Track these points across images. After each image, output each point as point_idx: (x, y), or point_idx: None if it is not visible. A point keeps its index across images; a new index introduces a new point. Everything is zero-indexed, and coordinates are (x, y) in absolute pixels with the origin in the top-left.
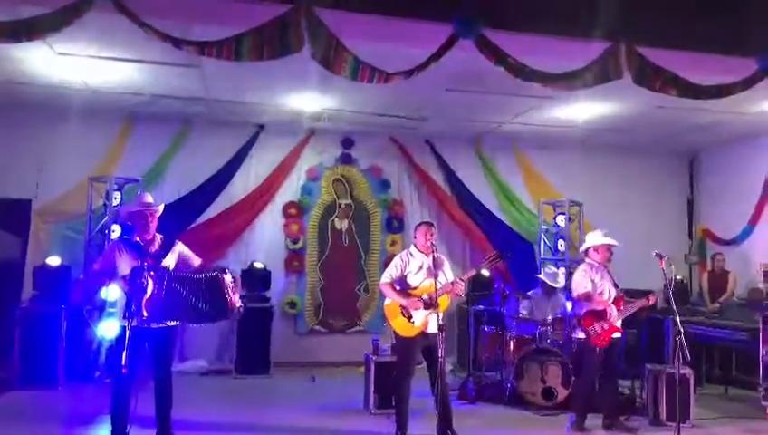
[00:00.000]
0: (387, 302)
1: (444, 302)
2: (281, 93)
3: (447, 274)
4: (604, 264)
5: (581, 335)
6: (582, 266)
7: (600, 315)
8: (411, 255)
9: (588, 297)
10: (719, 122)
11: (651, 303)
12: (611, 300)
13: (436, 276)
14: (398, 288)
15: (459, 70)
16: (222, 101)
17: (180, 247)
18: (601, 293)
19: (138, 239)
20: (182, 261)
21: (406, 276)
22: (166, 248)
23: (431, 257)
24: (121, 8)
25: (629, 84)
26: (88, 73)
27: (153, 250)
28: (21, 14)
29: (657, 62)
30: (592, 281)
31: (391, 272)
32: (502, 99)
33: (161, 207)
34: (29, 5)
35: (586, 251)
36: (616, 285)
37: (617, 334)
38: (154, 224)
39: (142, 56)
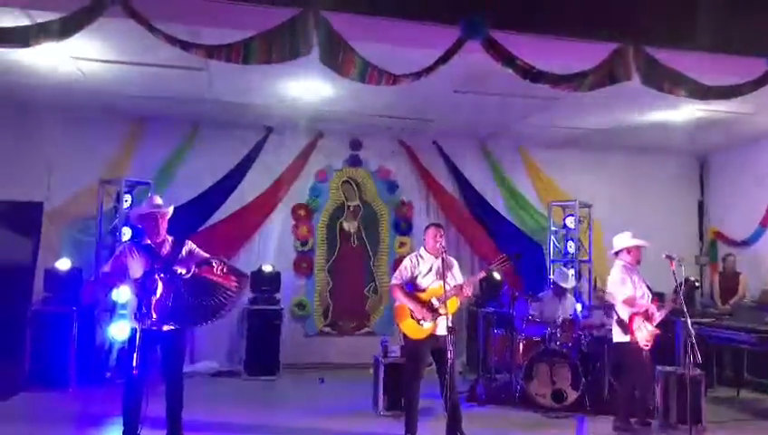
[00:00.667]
0: (396, 303)
1: (453, 304)
2: (289, 95)
3: (457, 276)
4: (636, 265)
5: (626, 338)
6: (618, 269)
7: (646, 317)
8: (420, 257)
9: (632, 300)
10: (730, 123)
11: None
12: (649, 301)
13: (445, 278)
14: (407, 290)
15: (467, 72)
16: (230, 103)
17: (190, 246)
18: (642, 295)
19: (149, 242)
20: (188, 256)
21: (415, 278)
22: (177, 250)
23: (440, 259)
24: (132, 13)
25: None
26: (98, 77)
27: (164, 252)
28: (33, 18)
29: (666, 62)
30: (632, 282)
31: (401, 274)
32: (509, 100)
33: (171, 209)
34: (41, 11)
35: (617, 253)
36: (648, 287)
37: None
38: (164, 226)
39: (152, 59)
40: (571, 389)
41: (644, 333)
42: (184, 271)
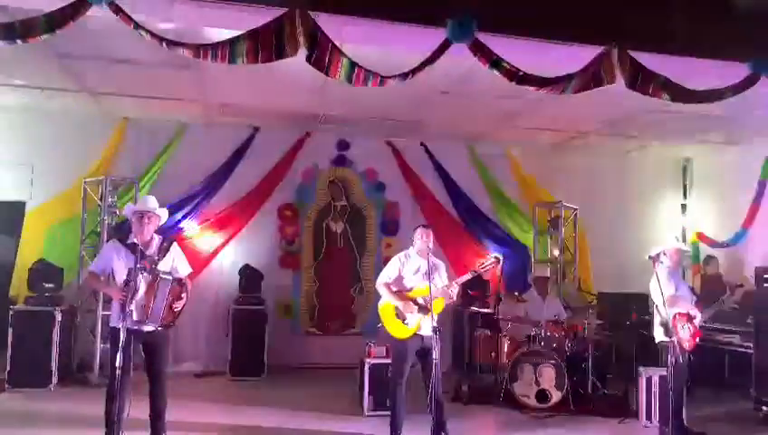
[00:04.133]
0: (381, 303)
1: (438, 305)
2: (276, 95)
3: (443, 277)
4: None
5: (666, 338)
6: (662, 271)
7: (689, 318)
8: (408, 256)
9: (675, 300)
10: (712, 126)
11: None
12: (693, 303)
13: (431, 279)
14: (394, 289)
15: (454, 73)
16: (217, 102)
17: (175, 252)
18: (684, 297)
19: (135, 241)
20: (172, 266)
21: (402, 278)
22: (163, 251)
23: (427, 260)
24: (117, 10)
25: None
26: (83, 75)
27: (149, 252)
28: (16, 15)
29: (650, 66)
30: (675, 284)
31: (389, 272)
32: (496, 102)
33: (163, 212)
34: (25, 6)
35: (656, 256)
36: (691, 288)
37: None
38: (151, 227)
39: (137, 58)
40: (555, 389)
41: (686, 334)
42: (169, 277)
